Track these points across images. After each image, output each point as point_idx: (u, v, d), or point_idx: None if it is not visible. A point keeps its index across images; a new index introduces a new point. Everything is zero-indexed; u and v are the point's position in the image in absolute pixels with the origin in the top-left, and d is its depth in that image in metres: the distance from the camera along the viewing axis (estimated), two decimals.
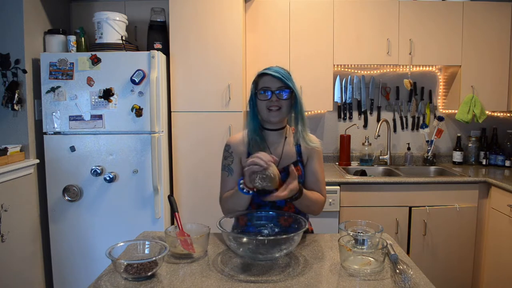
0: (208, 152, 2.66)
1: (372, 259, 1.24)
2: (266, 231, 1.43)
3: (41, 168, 2.55)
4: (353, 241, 1.32)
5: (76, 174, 2.50)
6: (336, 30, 2.88)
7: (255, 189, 1.35)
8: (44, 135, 2.50)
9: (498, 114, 3.21)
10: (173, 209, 1.47)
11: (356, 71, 3.25)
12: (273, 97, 1.45)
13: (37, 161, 2.51)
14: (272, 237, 1.31)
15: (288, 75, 1.48)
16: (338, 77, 3.22)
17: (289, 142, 1.56)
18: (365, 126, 3.30)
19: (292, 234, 1.25)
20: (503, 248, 2.47)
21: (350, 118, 3.29)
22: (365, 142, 3.21)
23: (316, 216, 1.57)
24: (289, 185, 1.34)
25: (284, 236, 1.26)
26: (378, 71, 3.25)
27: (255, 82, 1.51)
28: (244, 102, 2.74)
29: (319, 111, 3.23)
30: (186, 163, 2.69)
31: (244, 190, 1.36)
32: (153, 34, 2.76)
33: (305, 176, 1.55)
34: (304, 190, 1.42)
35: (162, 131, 2.57)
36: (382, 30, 2.89)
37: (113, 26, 2.60)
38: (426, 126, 3.18)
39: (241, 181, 1.37)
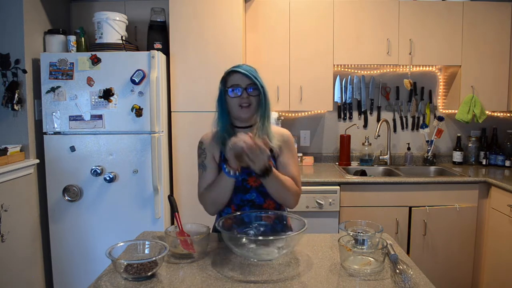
0: None
1: (372, 259, 1.24)
2: (262, 230, 1.43)
3: (41, 168, 2.55)
4: (353, 241, 1.32)
5: (76, 174, 2.50)
6: (336, 30, 2.89)
7: (238, 171, 1.40)
8: (44, 135, 2.50)
9: (498, 114, 3.21)
10: (173, 209, 1.48)
11: (356, 71, 3.25)
12: (243, 93, 1.48)
13: (37, 161, 2.51)
14: (271, 237, 1.31)
15: (256, 73, 1.52)
16: (338, 77, 3.22)
17: (258, 138, 1.56)
18: (365, 126, 3.30)
19: (292, 234, 1.25)
20: (503, 248, 2.47)
21: (350, 118, 3.29)
22: (365, 142, 3.21)
23: (316, 216, 1.57)
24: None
25: (284, 236, 1.26)
26: (378, 71, 3.25)
27: (224, 80, 1.54)
28: None
29: (319, 111, 3.24)
30: (186, 163, 2.69)
31: (231, 173, 1.39)
32: (153, 34, 2.76)
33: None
34: (276, 171, 1.43)
35: (162, 131, 2.57)
36: (382, 30, 2.89)
37: (113, 26, 2.60)
38: (426, 126, 3.18)
39: (225, 166, 1.40)
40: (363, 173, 2.95)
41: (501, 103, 2.98)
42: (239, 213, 1.49)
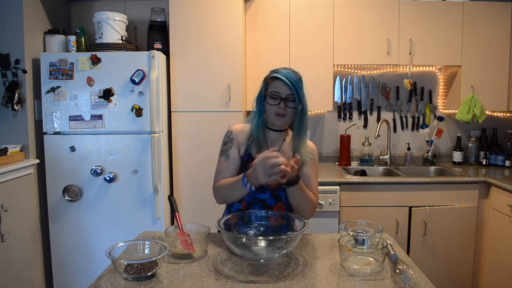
0: (208, 152, 2.66)
1: (372, 259, 1.24)
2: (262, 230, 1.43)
3: (41, 168, 2.55)
4: (353, 241, 1.32)
5: (76, 174, 2.50)
6: (336, 30, 2.88)
7: (256, 186, 1.39)
8: (44, 135, 2.50)
9: (498, 114, 3.21)
10: (173, 209, 1.48)
11: (356, 71, 3.25)
12: (281, 104, 1.46)
13: (37, 161, 2.51)
14: (272, 237, 1.31)
15: (298, 83, 1.46)
16: (338, 77, 3.22)
17: (287, 143, 1.58)
18: (365, 126, 3.30)
19: (292, 234, 1.25)
20: (503, 248, 2.47)
21: (350, 118, 3.29)
22: (365, 142, 3.21)
23: (316, 216, 1.57)
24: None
25: (284, 236, 1.26)
26: (378, 71, 3.25)
27: (266, 82, 1.52)
28: (244, 102, 2.74)
29: (319, 111, 3.23)
30: (186, 163, 2.69)
31: (248, 186, 1.37)
32: (153, 34, 2.76)
33: None
34: (301, 182, 1.45)
35: (162, 131, 2.57)
36: (382, 30, 2.89)
37: (113, 26, 2.60)
38: (426, 126, 3.18)
39: (246, 178, 1.38)
40: (363, 173, 2.95)
41: (501, 103, 2.98)
42: (247, 212, 1.48)
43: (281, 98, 1.46)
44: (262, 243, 1.29)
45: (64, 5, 2.94)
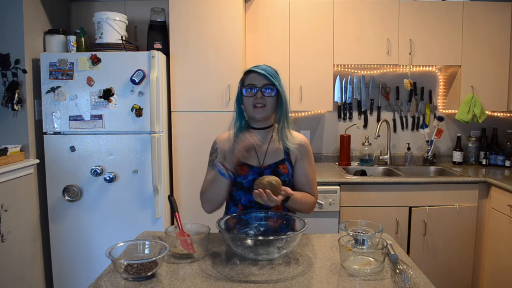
0: (208, 152, 2.64)
1: (372, 259, 1.24)
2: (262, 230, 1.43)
3: (41, 168, 2.55)
4: (353, 241, 1.32)
5: (76, 174, 2.50)
6: (336, 30, 2.89)
7: (233, 173, 1.43)
8: (44, 135, 2.50)
9: (498, 114, 3.21)
10: (173, 209, 1.48)
11: (356, 71, 3.25)
12: (258, 93, 1.47)
13: (37, 161, 2.51)
14: (272, 237, 1.31)
15: (274, 73, 1.50)
16: (338, 77, 3.22)
17: (275, 140, 1.57)
18: (365, 126, 3.30)
19: (292, 234, 1.25)
20: (503, 248, 2.47)
21: (350, 118, 3.29)
22: (365, 142, 3.21)
23: (316, 216, 1.58)
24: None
25: (284, 236, 1.26)
26: (378, 71, 3.25)
27: (242, 80, 1.54)
28: None
29: (319, 111, 3.23)
30: (186, 163, 2.69)
31: (225, 175, 1.40)
32: (153, 34, 2.76)
33: (294, 176, 1.57)
34: (292, 196, 1.43)
35: (162, 131, 2.57)
36: (382, 30, 2.89)
37: (113, 26, 2.60)
38: (426, 126, 3.18)
39: (220, 166, 1.42)
40: (363, 173, 2.95)
41: (501, 103, 2.98)
42: (244, 214, 1.48)
43: (257, 88, 1.47)
44: (262, 243, 1.29)
45: (64, 5, 2.94)
